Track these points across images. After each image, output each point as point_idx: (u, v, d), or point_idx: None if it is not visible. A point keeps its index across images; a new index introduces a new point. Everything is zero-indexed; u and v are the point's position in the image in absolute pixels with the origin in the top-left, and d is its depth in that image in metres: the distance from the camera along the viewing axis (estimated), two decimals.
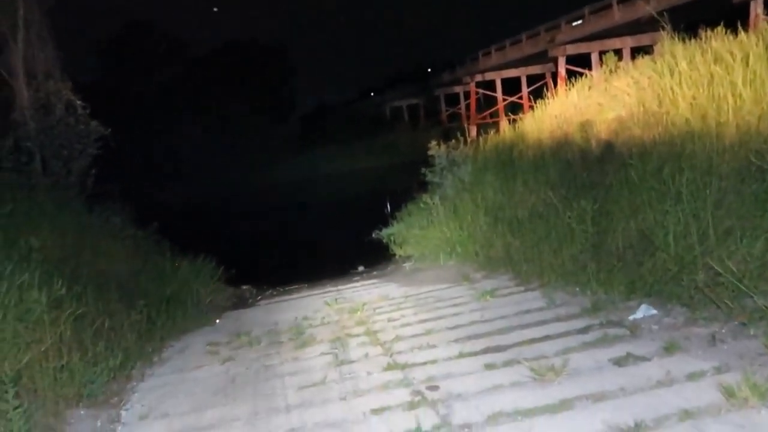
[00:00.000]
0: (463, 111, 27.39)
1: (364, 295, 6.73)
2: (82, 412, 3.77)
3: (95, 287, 5.48)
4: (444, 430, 2.91)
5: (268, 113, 30.49)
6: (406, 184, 11.97)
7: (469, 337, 4.40)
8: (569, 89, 10.91)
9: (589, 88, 9.84)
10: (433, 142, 10.44)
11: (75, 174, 8.90)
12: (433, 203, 9.18)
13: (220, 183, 25.07)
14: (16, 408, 3.15)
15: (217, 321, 6.67)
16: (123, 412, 3.87)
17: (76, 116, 8.84)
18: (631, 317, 4.16)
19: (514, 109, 22.08)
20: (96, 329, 4.61)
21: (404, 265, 8.46)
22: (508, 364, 3.71)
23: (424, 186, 10.35)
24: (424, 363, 3.97)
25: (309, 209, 19.04)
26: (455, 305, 5.52)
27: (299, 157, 27.36)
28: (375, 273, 8.64)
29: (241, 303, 7.92)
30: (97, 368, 4.14)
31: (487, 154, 10.31)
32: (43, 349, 3.85)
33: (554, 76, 19.28)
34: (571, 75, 14.30)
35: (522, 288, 5.70)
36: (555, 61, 18.86)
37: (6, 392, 3.17)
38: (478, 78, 24.61)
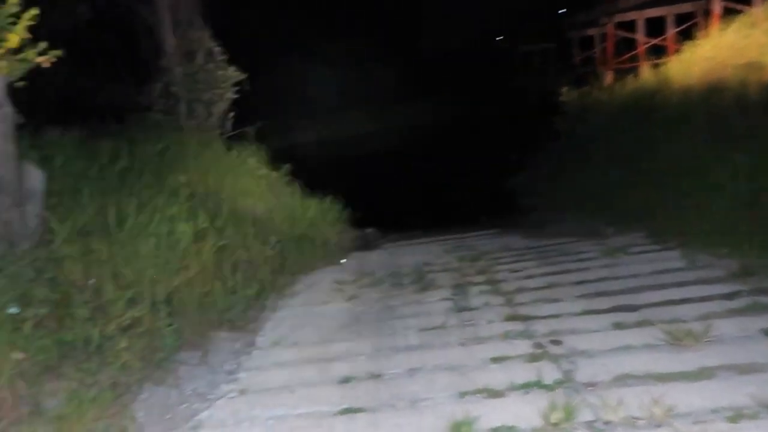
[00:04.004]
0: (598, 55, 25.43)
1: (486, 244, 6.64)
2: (222, 334, 4.13)
3: (233, 222, 5.90)
4: (567, 386, 2.82)
5: (395, 57, 30.36)
6: (534, 133, 11.48)
7: (597, 294, 4.20)
8: (724, 29, 9.68)
9: (751, 26, 8.66)
10: (565, 88, 9.85)
11: (215, 117, 9.50)
12: (563, 152, 8.73)
13: (345, 125, 25.62)
14: (168, 325, 3.52)
15: (343, 261, 6.95)
16: (258, 338, 4.18)
17: (216, 62, 9.36)
18: None
19: (657, 52, 20.10)
20: (234, 261, 4.99)
21: (529, 215, 8.21)
22: (639, 324, 3.50)
23: (553, 134, 9.86)
24: (547, 316, 3.86)
25: (432, 155, 18.97)
26: (582, 260, 5.28)
27: (423, 102, 27.11)
28: (498, 222, 8.48)
29: (365, 245, 8.16)
30: (236, 296, 4.49)
31: (625, 101, 9.55)
32: (189, 276, 4.23)
33: (707, 14, 17.16)
34: (728, 13, 12.62)
35: (658, 246, 5.30)
36: None
37: (160, 311, 3.54)
38: (617, 18, 22.59)
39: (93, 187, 4.43)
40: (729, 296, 3.75)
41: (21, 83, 3.57)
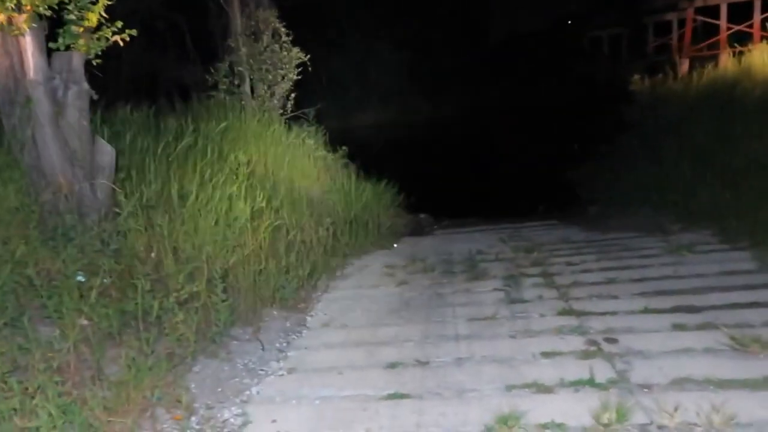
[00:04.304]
0: (674, 42, 24.11)
1: (543, 236, 6.48)
2: (274, 312, 4.22)
3: (289, 202, 6.00)
4: (620, 386, 2.73)
5: (459, 41, 29.83)
6: (600, 122, 11.06)
7: (658, 293, 4.02)
8: None
9: None
10: (636, 76, 9.42)
11: (277, 97, 9.66)
12: (630, 144, 8.39)
13: (405, 109, 25.48)
14: (223, 301, 3.62)
15: (395, 245, 6.95)
16: (308, 318, 4.25)
17: (280, 43, 9.48)
18: None
19: (741, 39, 18.88)
20: (289, 241, 5.08)
21: (589, 208, 7.95)
22: (701, 327, 3.34)
23: (620, 124, 9.47)
24: (603, 313, 3.73)
25: (492, 141, 18.64)
26: (644, 256, 5.07)
27: (486, 87, 26.58)
28: (556, 214, 8.26)
29: (418, 230, 8.14)
30: (289, 276, 4.58)
31: (701, 92, 9.05)
32: (245, 253, 4.33)
33: None
34: None
35: (727, 246, 5.02)
36: None
37: (216, 287, 3.64)
38: (699, 3, 21.36)
39: (158, 163, 4.58)
40: None
41: (97, 61, 3.72)
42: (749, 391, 2.59)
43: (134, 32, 3.75)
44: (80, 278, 3.19)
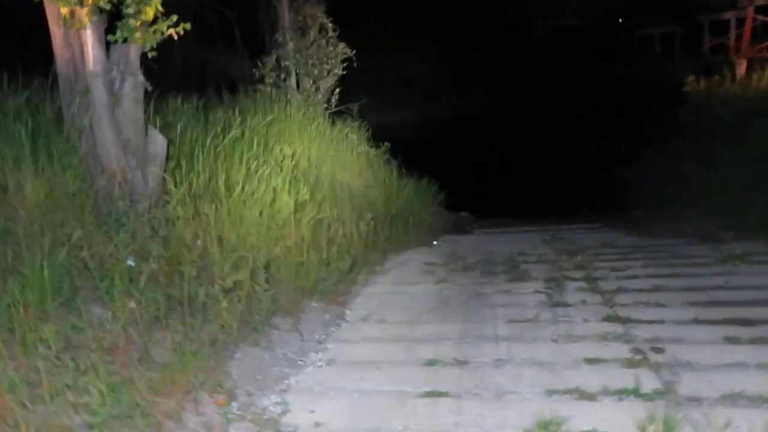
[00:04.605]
0: (732, 41, 23.19)
1: (586, 239, 6.36)
2: (314, 304, 4.26)
3: (331, 196, 6.05)
4: (667, 397, 2.64)
5: (501, 38, 29.45)
6: (649, 122, 10.74)
7: (708, 303, 3.89)
8: None
9: None
10: (690, 77, 9.10)
11: (322, 91, 9.73)
12: (681, 146, 8.12)
13: (448, 106, 25.32)
14: (266, 290, 3.67)
15: (435, 243, 6.93)
16: (347, 311, 4.28)
17: (327, 38, 9.55)
18: None
19: None
20: (330, 235, 5.12)
21: (635, 212, 7.74)
22: (755, 341, 3.21)
23: (672, 126, 9.17)
24: (650, 321, 3.62)
25: (536, 141, 18.35)
26: (694, 265, 4.91)
27: (532, 84, 26.15)
28: (601, 216, 8.08)
29: (458, 229, 8.09)
30: (329, 269, 4.61)
31: (760, 95, 8.68)
32: (288, 245, 4.39)
33: None
34: None
35: None
36: None
37: (259, 276, 3.70)
38: (760, 1, 20.47)
39: (207, 154, 4.68)
40: None
41: (152, 53, 3.81)
42: None
43: (188, 26, 3.82)
44: (130, 263, 3.29)
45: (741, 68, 15.75)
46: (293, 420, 2.66)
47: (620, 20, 33.30)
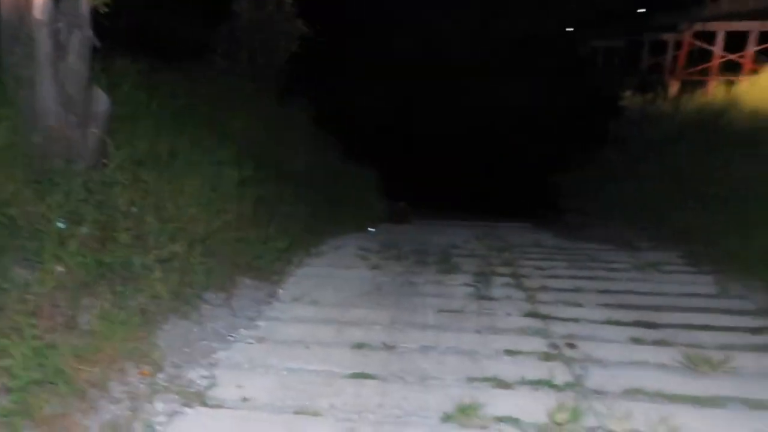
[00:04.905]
0: (667, 62, 24.38)
1: (516, 238, 6.63)
2: (248, 281, 4.27)
3: (274, 175, 6.02)
4: (576, 389, 2.85)
5: (461, 34, 29.81)
6: (585, 131, 11.24)
7: (620, 306, 4.18)
8: None
9: None
10: (628, 92, 9.58)
11: (274, 67, 9.60)
12: (612, 157, 8.57)
13: (399, 99, 25.39)
14: (201, 263, 3.65)
15: (371, 230, 7.04)
16: (280, 291, 4.32)
17: (284, 13, 9.41)
18: None
19: (731, 69, 19.20)
20: (271, 213, 5.11)
21: (565, 216, 8.13)
22: (658, 343, 3.49)
23: (607, 137, 9.65)
24: (567, 319, 3.87)
25: (479, 141, 18.76)
26: (612, 270, 5.24)
27: (482, 85, 26.60)
28: (532, 218, 8.42)
29: (396, 217, 8.23)
30: (267, 247, 4.62)
31: (688, 116, 9.26)
32: (227, 219, 4.35)
33: None
34: None
35: (692, 269, 5.22)
36: None
37: (195, 249, 3.67)
38: (698, 27, 21.65)
39: (151, 119, 4.56)
40: (755, 330, 3.70)
41: (105, 9, 3.68)
42: (695, 407, 2.74)
43: None
44: (61, 225, 3.19)
45: (673, 89, 16.63)
46: (220, 394, 2.69)
47: (571, 30, 34.28)
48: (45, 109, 3.58)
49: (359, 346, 3.32)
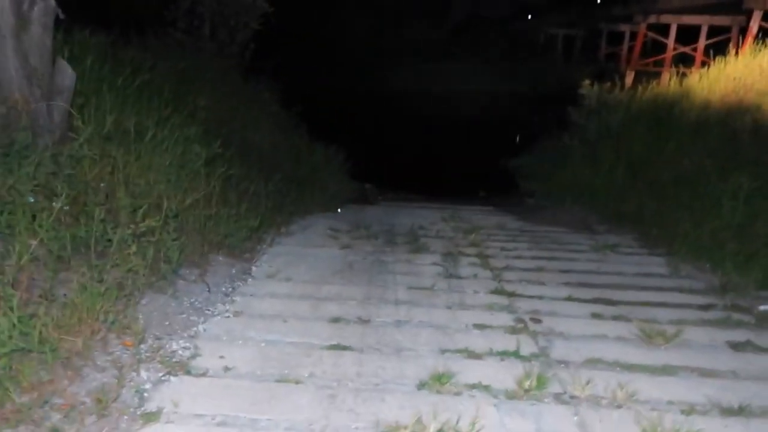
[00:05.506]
0: (624, 52, 25.08)
1: (481, 220, 6.80)
2: (221, 258, 4.28)
3: (241, 154, 6.00)
4: (541, 359, 3.03)
5: (423, 17, 29.87)
6: (545, 117, 11.54)
7: (581, 284, 4.39)
8: (758, 50, 9.70)
9: None
10: (586, 81, 9.88)
11: (237, 44, 9.46)
12: (571, 144, 8.85)
13: (366, 80, 25.34)
14: (174, 239, 3.65)
15: (339, 210, 7.09)
16: (254, 268, 4.35)
17: None
18: (761, 307, 3.94)
19: (683, 61, 19.94)
20: (240, 191, 5.12)
21: (527, 199, 8.37)
22: (616, 318, 3.71)
23: (564, 123, 9.94)
24: (531, 296, 4.05)
25: (441, 123, 18.95)
26: (572, 251, 5.47)
27: (443, 68, 26.78)
28: (495, 200, 8.64)
29: (363, 199, 8.31)
30: (237, 225, 4.63)
31: (642, 105, 9.62)
32: (197, 197, 4.34)
33: (743, 31, 16.96)
34: (765, 34, 12.56)
35: (646, 250, 5.50)
36: (749, 14, 16.49)
37: (168, 224, 3.67)
38: (652, 19, 22.35)
39: (116, 95, 4.48)
40: (704, 307, 3.96)
41: None
42: (650, 375, 2.95)
43: None
44: (30, 199, 3.14)
45: (629, 78, 17.17)
46: (203, 363, 2.74)
47: (529, 16, 34.78)
48: (8, 80, 3.50)
49: (335, 320, 3.41)
